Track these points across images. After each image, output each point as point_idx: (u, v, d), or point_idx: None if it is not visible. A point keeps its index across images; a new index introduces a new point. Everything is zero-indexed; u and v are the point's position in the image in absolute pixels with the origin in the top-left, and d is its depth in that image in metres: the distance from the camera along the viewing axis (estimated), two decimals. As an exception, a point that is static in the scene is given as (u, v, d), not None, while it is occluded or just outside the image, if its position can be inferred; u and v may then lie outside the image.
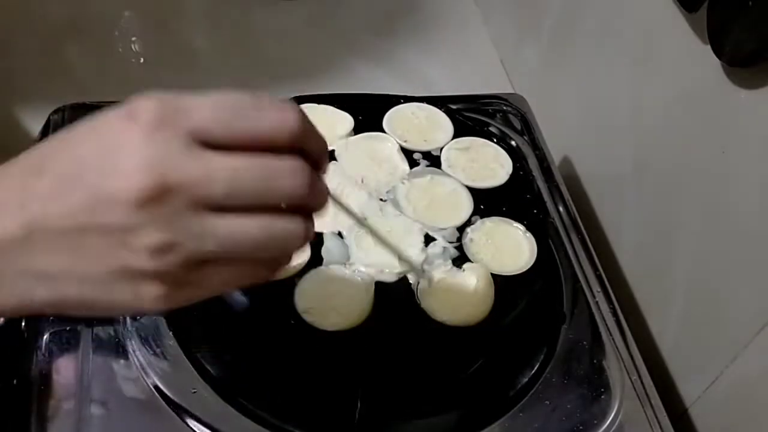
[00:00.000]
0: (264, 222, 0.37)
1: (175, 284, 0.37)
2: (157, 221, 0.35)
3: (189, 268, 0.36)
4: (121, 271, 0.36)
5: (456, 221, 0.62)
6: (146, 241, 0.35)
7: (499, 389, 0.63)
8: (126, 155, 0.34)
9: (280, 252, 0.39)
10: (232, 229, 0.36)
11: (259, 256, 0.38)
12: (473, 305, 0.55)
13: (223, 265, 0.37)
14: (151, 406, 0.57)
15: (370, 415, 0.57)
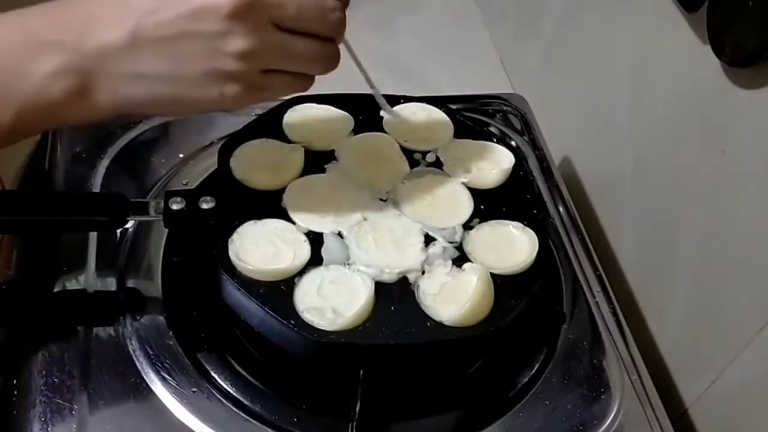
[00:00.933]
0: (318, 45, 0.48)
1: (251, 86, 0.47)
2: (244, 31, 0.44)
3: (263, 73, 0.47)
4: (211, 72, 0.45)
5: (456, 221, 0.62)
6: (234, 46, 0.44)
7: (499, 389, 0.63)
8: None
9: (322, 68, 0.50)
10: (296, 45, 0.47)
11: (308, 69, 0.50)
12: (473, 305, 0.55)
13: (284, 74, 0.49)
14: (151, 406, 0.57)
15: (370, 415, 0.57)
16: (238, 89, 0.47)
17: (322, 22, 0.48)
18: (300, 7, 0.46)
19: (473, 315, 0.55)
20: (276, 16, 0.46)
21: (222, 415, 0.57)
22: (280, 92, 0.52)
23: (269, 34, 0.46)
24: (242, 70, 0.46)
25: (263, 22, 0.45)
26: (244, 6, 0.44)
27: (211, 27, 0.44)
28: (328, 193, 0.62)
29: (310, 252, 0.57)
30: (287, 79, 0.49)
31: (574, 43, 0.91)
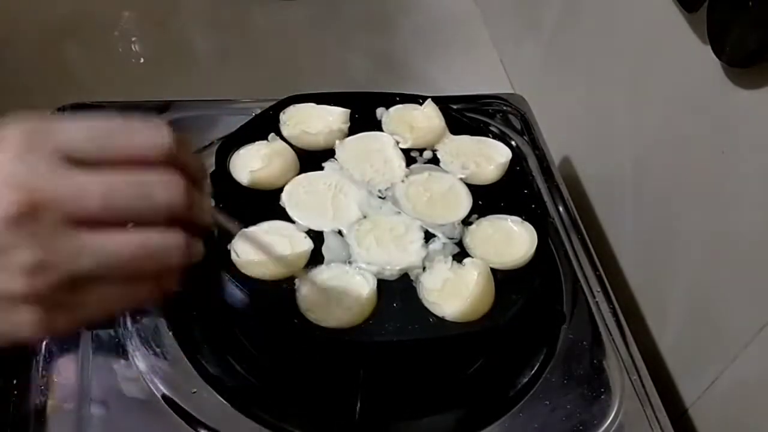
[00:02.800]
0: (140, 236, 0.36)
1: (52, 307, 0.35)
2: (29, 240, 0.34)
3: (65, 289, 0.35)
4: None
5: (455, 217, 0.62)
6: (18, 260, 0.34)
7: (499, 389, 0.63)
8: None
9: (158, 267, 0.37)
10: (106, 244, 0.35)
11: (137, 272, 0.37)
12: (474, 300, 0.55)
13: (102, 285, 0.36)
14: (151, 406, 0.57)
15: (370, 415, 0.57)
16: (35, 314, 0.35)
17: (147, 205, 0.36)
18: (107, 195, 0.35)
19: (475, 310, 0.55)
20: (75, 214, 0.34)
21: (222, 416, 0.57)
22: (103, 310, 0.37)
23: (67, 238, 0.34)
24: (33, 289, 0.34)
25: (57, 225, 0.34)
26: (25, 208, 0.33)
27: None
28: (326, 191, 0.62)
29: (311, 251, 0.57)
30: (112, 291, 0.37)
31: (574, 43, 0.91)
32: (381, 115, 0.70)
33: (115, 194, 0.35)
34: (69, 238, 0.34)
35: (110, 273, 0.36)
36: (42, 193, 0.34)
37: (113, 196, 0.35)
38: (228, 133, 0.69)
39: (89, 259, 0.35)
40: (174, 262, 0.37)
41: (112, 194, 0.35)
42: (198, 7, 1.12)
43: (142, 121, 0.37)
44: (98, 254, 0.35)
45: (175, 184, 0.36)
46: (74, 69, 0.98)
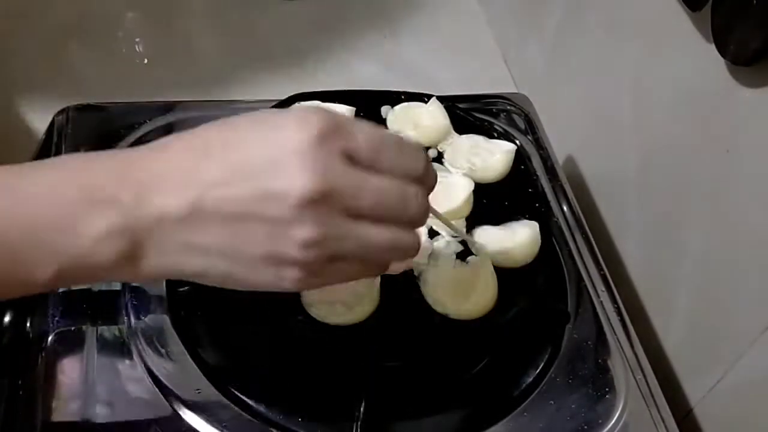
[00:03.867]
0: (394, 234, 0.44)
1: (312, 273, 0.42)
2: (313, 220, 0.40)
3: (328, 262, 0.42)
4: (271, 256, 0.41)
5: (459, 215, 0.62)
6: (301, 235, 0.40)
7: (503, 389, 0.63)
8: (298, 159, 0.40)
9: (398, 258, 0.46)
10: (370, 235, 0.43)
11: (382, 258, 0.45)
12: (478, 298, 0.55)
13: (353, 263, 0.44)
14: (155, 406, 0.57)
15: (374, 414, 0.57)
16: (298, 275, 0.42)
17: (403, 212, 0.44)
18: (378, 197, 0.42)
19: (478, 308, 0.55)
20: (351, 207, 0.41)
21: (226, 415, 0.57)
22: (347, 279, 0.46)
23: (341, 224, 0.42)
24: (305, 258, 0.41)
25: (336, 212, 0.41)
26: (318, 195, 0.40)
27: (278, 212, 0.40)
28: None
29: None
30: (356, 268, 0.45)
31: (577, 43, 0.91)
32: (386, 114, 0.70)
33: (384, 198, 0.43)
34: (343, 224, 0.41)
35: (364, 255, 0.44)
36: (333, 184, 0.40)
37: (382, 199, 0.42)
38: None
39: (354, 244, 0.42)
40: (409, 256, 0.46)
41: (382, 197, 0.42)
42: (202, 7, 1.12)
43: (409, 142, 0.45)
44: (361, 242, 0.42)
45: (423, 199, 0.44)
46: (78, 69, 0.98)
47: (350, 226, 0.42)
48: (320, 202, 0.40)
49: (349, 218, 0.42)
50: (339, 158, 0.41)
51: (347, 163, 0.41)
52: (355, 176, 0.41)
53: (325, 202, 0.40)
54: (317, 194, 0.40)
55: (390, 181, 0.43)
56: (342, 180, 0.41)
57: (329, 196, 0.40)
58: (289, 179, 0.40)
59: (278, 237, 0.41)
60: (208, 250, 0.42)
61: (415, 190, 0.44)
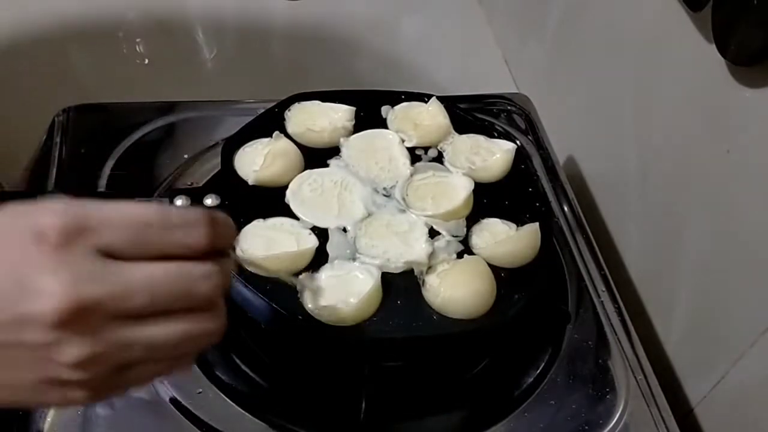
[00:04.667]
0: (185, 325, 0.38)
1: (99, 389, 0.37)
2: (77, 338, 0.35)
3: (115, 373, 0.37)
4: (48, 381, 0.36)
5: (459, 215, 0.62)
6: (69, 356, 0.35)
7: (503, 389, 0.63)
8: (39, 278, 0.34)
9: (199, 347, 0.40)
10: (155, 336, 0.37)
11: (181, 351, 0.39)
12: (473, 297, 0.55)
13: (148, 365, 0.38)
14: (156, 407, 0.57)
15: (375, 414, 0.57)
16: (86, 393, 0.37)
17: (190, 296, 0.38)
18: (152, 289, 0.36)
19: (476, 307, 0.55)
20: (122, 309, 0.36)
21: (227, 415, 0.57)
22: (146, 383, 0.41)
23: (114, 333, 0.36)
24: (83, 377, 0.36)
25: (104, 321, 0.36)
26: (74, 310, 0.34)
27: (35, 337, 0.35)
28: (331, 188, 0.62)
29: (315, 248, 0.57)
30: (154, 369, 0.39)
31: (578, 43, 0.91)
32: (386, 113, 0.70)
33: (159, 290, 0.37)
34: (116, 332, 0.36)
35: (153, 357, 0.38)
36: (88, 294, 0.35)
37: (157, 292, 0.36)
38: (233, 132, 0.69)
39: (139, 349, 0.37)
40: (212, 341, 0.40)
41: (156, 290, 0.36)
42: (203, 7, 1.12)
43: (177, 213, 0.38)
44: (147, 344, 0.37)
45: (214, 275, 0.38)
46: (79, 70, 0.99)
47: (127, 331, 0.36)
48: (81, 316, 0.34)
49: (126, 322, 0.36)
50: (91, 259, 0.35)
51: (105, 262, 0.36)
52: (116, 274, 0.36)
53: (87, 315, 0.35)
54: (73, 308, 0.34)
55: (165, 266, 0.37)
56: (101, 285, 0.35)
57: (90, 308, 0.35)
58: (38, 300, 0.34)
59: (44, 362, 0.36)
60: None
61: (202, 267, 0.38)
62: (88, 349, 0.35)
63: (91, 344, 0.35)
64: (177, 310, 0.38)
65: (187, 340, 0.38)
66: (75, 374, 0.36)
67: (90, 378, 0.36)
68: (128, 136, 0.75)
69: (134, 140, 0.75)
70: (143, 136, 0.76)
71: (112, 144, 0.74)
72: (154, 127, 0.77)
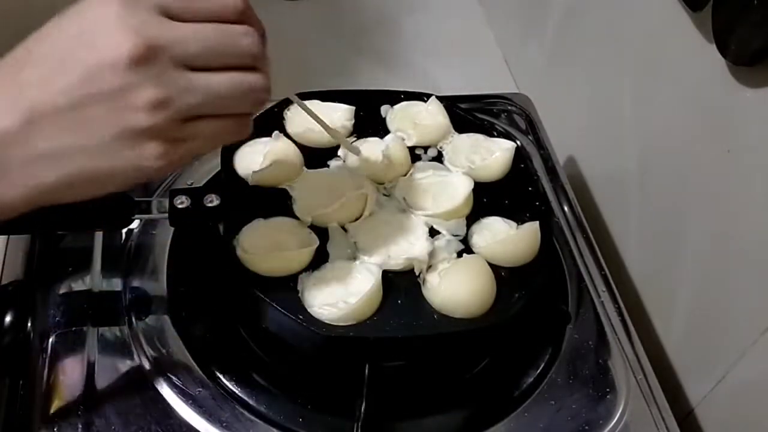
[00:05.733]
0: (234, 76, 0.42)
1: (171, 140, 0.41)
2: (149, 79, 0.39)
3: (181, 123, 0.41)
4: (123, 133, 0.40)
5: (460, 214, 0.62)
6: (143, 97, 0.39)
7: (503, 389, 0.63)
8: (111, 26, 0.38)
9: (251, 102, 0.44)
10: (211, 82, 0.41)
11: (231, 108, 0.43)
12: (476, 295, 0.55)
13: (209, 119, 0.42)
14: (156, 406, 0.57)
15: (374, 414, 0.57)
16: (159, 147, 0.40)
17: (234, 50, 0.42)
18: (203, 41, 0.41)
19: (476, 306, 0.55)
20: (179, 56, 0.40)
21: (227, 415, 0.57)
22: (211, 142, 0.44)
23: (178, 77, 0.40)
24: (157, 123, 0.40)
25: (168, 66, 0.40)
26: (143, 52, 0.38)
27: (111, 83, 0.38)
28: (331, 188, 0.62)
29: (316, 247, 0.57)
30: (216, 125, 0.43)
31: (578, 43, 0.91)
32: (386, 113, 0.70)
33: (209, 41, 0.41)
34: (179, 76, 0.40)
35: (215, 107, 0.42)
36: (154, 36, 0.39)
37: (208, 42, 0.41)
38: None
39: (197, 93, 0.41)
40: (260, 97, 0.45)
41: (207, 41, 0.41)
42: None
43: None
44: (204, 89, 0.41)
45: (251, 33, 0.43)
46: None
47: (188, 76, 0.41)
48: (149, 59, 0.39)
49: (184, 70, 0.40)
50: (153, 13, 0.40)
51: (162, 17, 0.40)
52: (173, 27, 0.40)
53: (155, 58, 0.39)
54: (143, 51, 0.38)
55: (211, 24, 0.42)
56: (162, 32, 0.39)
57: (155, 51, 0.39)
58: (110, 47, 0.38)
59: (122, 109, 0.39)
60: (58, 153, 0.40)
61: (242, 27, 0.43)
62: (159, 90, 0.39)
63: (160, 86, 0.39)
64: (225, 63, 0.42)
65: (238, 89, 0.43)
66: (148, 118, 0.39)
67: (162, 124, 0.40)
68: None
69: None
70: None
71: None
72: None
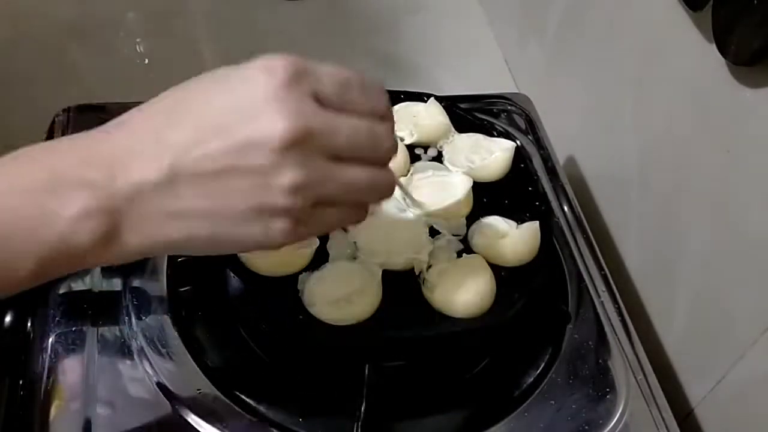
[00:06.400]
0: (371, 172, 0.44)
1: (300, 221, 0.42)
2: (296, 163, 0.40)
3: (314, 207, 0.42)
4: (258, 209, 0.41)
5: (460, 214, 0.62)
6: (286, 180, 0.40)
7: (503, 389, 0.63)
8: (270, 104, 0.39)
9: (377, 197, 0.46)
10: (349, 175, 0.43)
11: (363, 199, 0.46)
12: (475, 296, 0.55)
13: (337, 206, 0.44)
14: (156, 406, 0.57)
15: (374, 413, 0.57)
16: (286, 225, 0.41)
17: (375, 149, 0.44)
18: (352, 135, 0.42)
19: (476, 306, 0.55)
20: (328, 147, 0.41)
21: (227, 415, 0.57)
22: (333, 226, 0.46)
23: (322, 166, 0.41)
24: (292, 204, 0.41)
25: (315, 154, 0.41)
26: (297, 137, 0.39)
27: (259, 160, 0.39)
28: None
29: (316, 247, 0.57)
30: (340, 212, 0.44)
31: (578, 43, 0.91)
32: None
33: (357, 136, 0.42)
34: (324, 166, 0.41)
35: (347, 197, 0.44)
36: (309, 123, 0.40)
37: (355, 137, 0.42)
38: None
39: (336, 185, 0.42)
40: (388, 194, 0.46)
41: (355, 136, 0.42)
42: (203, 7, 1.12)
43: (372, 81, 0.45)
44: (342, 182, 0.42)
45: (392, 135, 0.45)
46: (79, 70, 0.98)
47: (331, 167, 0.42)
48: (300, 143, 0.39)
49: (328, 159, 0.41)
50: (309, 100, 0.41)
51: (317, 105, 0.41)
52: (327, 116, 0.41)
53: (305, 144, 0.40)
54: (296, 135, 0.39)
55: (359, 119, 0.43)
56: (316, 120, 0.40)
57: (307, 138, 0.40)
58: (265, 125, 0.39)
59: (263, 186, 0.40)
60: (190, 215, 0.41)
61: (383, 127, 0.44)
62: (303, 175, 0.40)
63: (305, 170, 0.40)
64: (366, 159, 0.43)
65: (371, 186, 0.44)
66: (286, 200, 0.40)
67: (296, 207, 0.41)
68: (128, 136, 0.75)
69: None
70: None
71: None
72: (154, 127, 0.77)
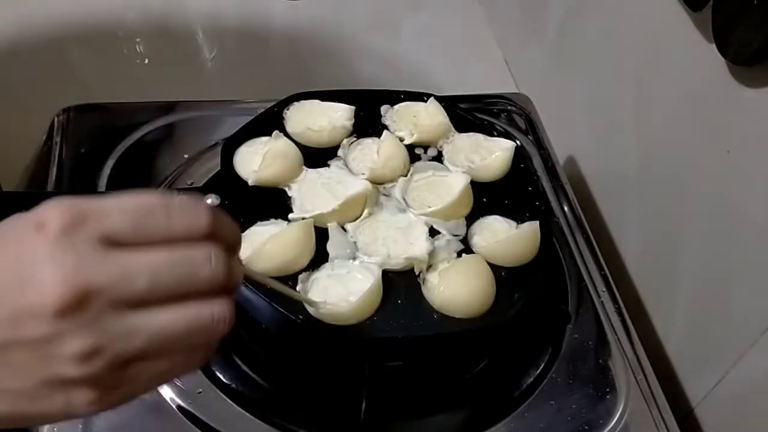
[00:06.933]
0: (189, 311, 0.36)
1: (106, 387, 0.36)
2: (80, 328, 0.34)
3: (118, 369, 0.35)
4: (50, 382, 0.35)
5: (459, 214, 0.62)
6: (70, 349, 0.34)
7: (503, 389, 0.63)
8: (40, 267, 0.34)
9: (205, 338, 0.38)
10: (159, 323, 0.35)
11: (188, 343, 0.37)
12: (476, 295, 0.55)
13: (154, 360, 0.36)
14: (157, 407, 0.57)
15: (376, 414, 0.57)
16: (90, 395, 0.36)
17: (193, 280, 0.36)
18: (154, 275, 0.35)
19: (476, 306, 0.55)
20: (123, 297, 0.34)
21: (228, 415, 0.57)
22: (155, 383, 0.38)
23: (117, 322, 0.35)
24: (87, 373, 0.35)
25: (106, 310, 0.34)
26: (76, 298, 0.33)
27: (38, 331, 0.34)
28: (331, 188, 0.62)
29: (315, 247, 0.57)
30: (162, 365, 0.37)
31: (578, 43, 0.91)
32: (385, 112, 0.70)
33: (161, 275, 0.35)
34: (119, 321, 0.35)
35: (159, 350, 0.36)
36: (89, 280, 0.34)
37: (159, 277, 0.35)
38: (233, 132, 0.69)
39: (141, 338, 0.35)
40: (220, 331, 0.37)
41: (158, 275, 0.35)
42: (203, 7, 1.12)
43: (179, 200, 0.37)
44: (149, 333, 0.35)
45: (215, 258, 0.37)
46: (79, 70, 0.98)
47: (131, 319, 0.35)
48: (82, 304, 0.33)
49: (127, 311, 0.35)
50: (93, 247, 0.34)
51: (107, 250, 0.35)
52: (117, 261, 0.35)
53: (88, 304, 0.34)
54: (74, 298, 0.33)
55: (168, 251, 0.36)
56: (102, 271, 0.34)
57: (90, 296, 0.34)
58: (38, 290, 0.33)
59: (47, 358, 0.34)
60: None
61: (204, 250, 0.37)
62: (91, 340, 0.34)
63: (93, 334, 0.34)
64: (181, 296, 0.36)
65: (195, 326, 0.36)
66: (78, 369, 0.34)
67: (94, 374, 0.35)
68: (128, 136, 0.75)
69: (134, 140, 0.75)
70: (143, 136, 0.76)
71: (112, 144, 0.74)
72: (154, 127, 0.77)
